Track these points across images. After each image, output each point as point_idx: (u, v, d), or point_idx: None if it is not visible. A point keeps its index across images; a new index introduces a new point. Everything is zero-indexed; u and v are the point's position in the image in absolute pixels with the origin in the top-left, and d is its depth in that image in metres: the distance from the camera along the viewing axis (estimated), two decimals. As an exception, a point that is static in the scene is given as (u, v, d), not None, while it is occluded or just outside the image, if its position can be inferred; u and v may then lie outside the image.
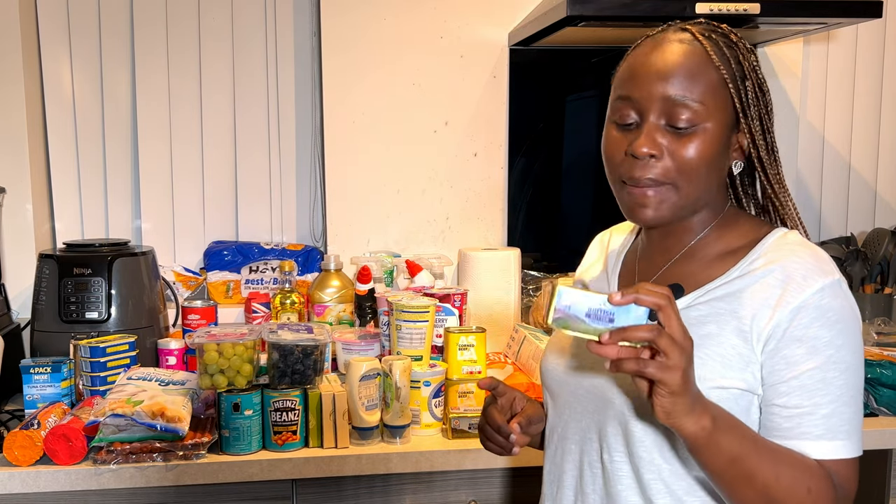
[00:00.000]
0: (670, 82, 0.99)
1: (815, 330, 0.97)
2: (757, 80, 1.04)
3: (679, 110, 0.99)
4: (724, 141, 1.02)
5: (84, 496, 1.58)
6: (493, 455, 1.66)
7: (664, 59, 1.01)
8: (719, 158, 1.03)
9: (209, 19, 2.35)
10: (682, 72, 0.99)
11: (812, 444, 0.97)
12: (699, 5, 1.82)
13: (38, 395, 1.74)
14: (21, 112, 2.19)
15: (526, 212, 2.40)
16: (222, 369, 1.61)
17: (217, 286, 2.31)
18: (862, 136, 2.59)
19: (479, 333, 1.85)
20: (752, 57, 1.05)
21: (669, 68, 1.00)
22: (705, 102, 0.99)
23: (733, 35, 1.05)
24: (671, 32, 1.04)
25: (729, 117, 1.02)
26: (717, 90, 1.01)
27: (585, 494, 1.09)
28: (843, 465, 0.98)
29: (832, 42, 2.53)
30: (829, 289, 0.98)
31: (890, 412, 1.82)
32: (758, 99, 1.04)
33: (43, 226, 2.31)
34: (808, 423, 0.97)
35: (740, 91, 1.02)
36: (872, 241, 2.37)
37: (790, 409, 0.98)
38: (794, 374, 0.98)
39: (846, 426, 0.98)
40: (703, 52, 1.01)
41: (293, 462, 1.62)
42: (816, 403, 0.97)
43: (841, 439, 0.97)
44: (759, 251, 1.03)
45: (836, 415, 0.97)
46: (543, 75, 2.37)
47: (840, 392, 0.97)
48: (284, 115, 2.42)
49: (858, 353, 1.00)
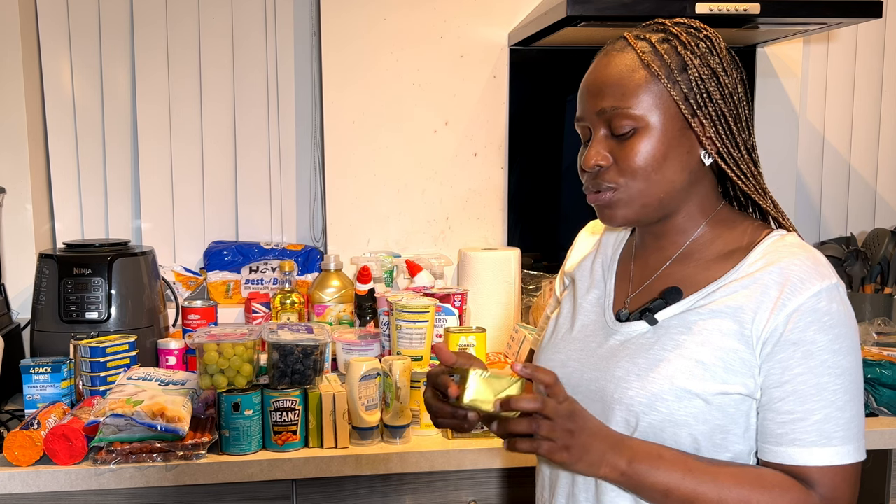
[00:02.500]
0: (601, 96, 1.03)
1: (810, 334, 0.97)
2: (704, 68, 1.02)
3: (616, 119, 1.02)
4: (673, 136, 1.02)
5: (84, 496, 1.58)
6: (493, 455, 1.66)
7: (595, 75, 1.05)
8: (673, 154, 1.02)
9: (209, 19, 2.35)
10: (610, 81, 1.03)
11: (803, 450, 0.97)
12: (699, 5, 1.82)
13: (38, 395, 1.74)
14: (21, 112, 2.19)
15: (526, 212, 2.40)
16: (222, 369, 1.61)
17: (217, 286, 2.31)
18: (862, 136, 2.59)
19: (479, 333, 1.85)
20: (699, 44, 1.03)
21: (599, 82, 1.04)
22: (638, 104, 1.01)
23: (675, 28, 1.05)
24: (610, 45, 1.07)
25: (673, 111, 1.02)
26: (649, 88, 1.01)
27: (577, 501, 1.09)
28: (838, 471, 0.97)
29: (832, 42, 2.53)
30: (825, 293, 0.97)
31: (890, 412, 1.82)
32: (704, 86, 1.02)
33: (43, 226, 2.31)
34: (800, 430, 0.97)
35: (678, 83, 1.01)
36: (872, 241, 2.37)
37: (783, 414, 0.98)
38: (787, 379, 0.97)
39: (841, 432, 0.97)
40: (631, 56, 1.03)
41: (293, 462, 1.62)
42: (809, 409, 0.97)
43: (835, 445, 0.97)
44: (758, 253, 1.03)
45: (831, 420, 0.97)
46: (543, 75, 2.37)
47: (835, 397, 0.97)
48: (284, 115, 2.42)
49: (855, 357, 0.99)
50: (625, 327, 1.08)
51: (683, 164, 1.04)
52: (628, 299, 1.12)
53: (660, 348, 1.03)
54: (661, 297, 1.06)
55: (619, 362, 1.05)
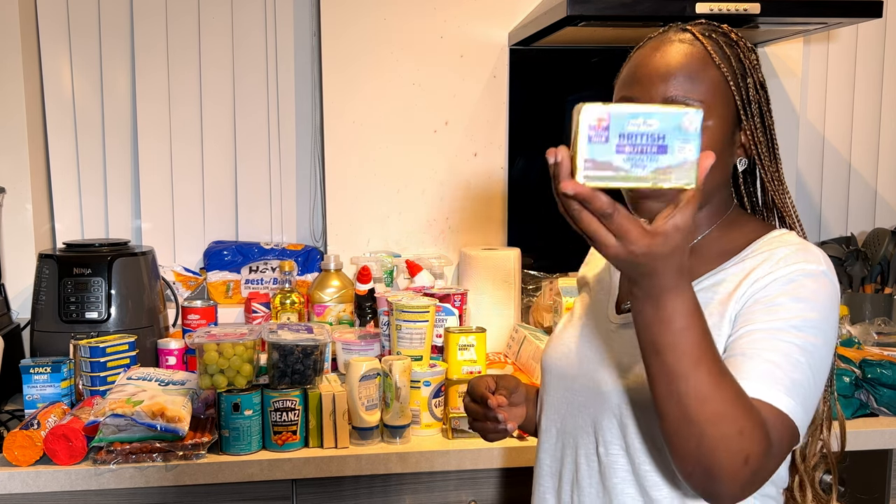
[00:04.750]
0: (671, 83, 1.01)
1: (782, 299, 0.94)
2: (757, 78, 1.05)
3: None
4: (726, 138, 1.04)
5: (84, 496, 1.58)
6: (493, 455, 1.66)
7: (665, 60, 1.02)
8: (723, 156, 1.03)
9: (209, 19, 2.35)
10: (683, 71, 1.01)
11: (748, 382, 0.89)
12: (699, 5, 1.83)
13: (37, 395, 1.74)
14: (21, 111, 2.19)
15: (526, 212, 2.40)
16: (222, 369, 1.61)
17: (217, 286, 2.31)
18: (862, 136, 2.59)
19: (479, 333, 1.85)
20: (752, 55, 1.06)
21: (670, 69, 1.01)
22: (707, 101, 1.00)
23: (733, 34, 1.07)
24: (672, 33, 1.06)
25: (731, 115, 1.04)
26: (718, 88, 1.02)
27: (581, 488, 1.09)
28: (778, 418, 0.89)
29: (832, 42, 2.53)
30: (809, 272, 0.96)
31: (890, 412, 1.81)
32: (759, 96, 1.05)
33: (43, 226, 2.31)
34: (748, 366, 0.91)
35: (741, 89, 1.03)
36: (872, 241, 2.37)
37: (736, 356, 0.93)
38: (747, 329, 0.94)
39: (788, 383, 0.90)
40: (703, 52, 1.03)
41: (293, 462, 1.62)
42: (762, 349, 0.92)
43: (779, 390, 0.90)
44: (754, 247, 1.04)
45: (780, 368, 0.90)
46: (543, 75, 2.37)
47: (789, 352, 0.91)
48: (284, 115, 2.41)
49: (827, 341, 0.95)
50: (623, 319, 1.10)
51: (725, 166, 1.06)
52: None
53: None
54: None
55: (615, 353, 1.07)
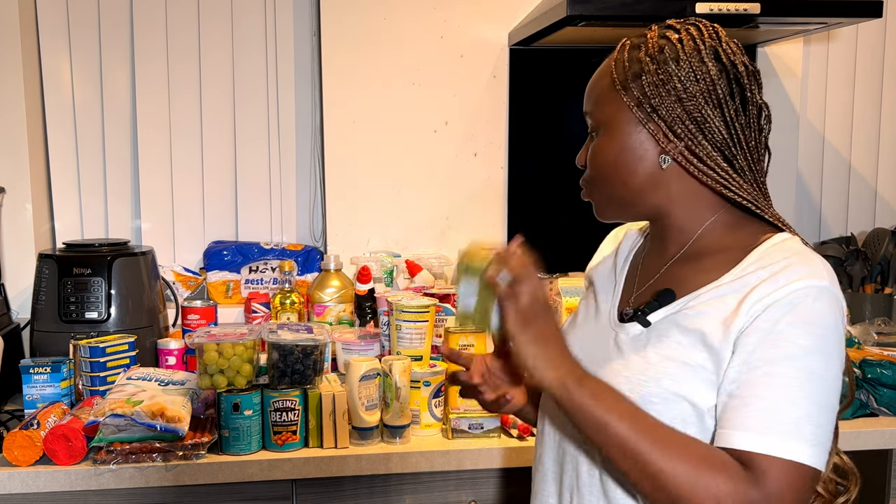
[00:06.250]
0: (586, 100, 1.12)
1: (782, 325, 0.93)
2: (662, 74, 1.01)
3: (589, 121, 1.11)
4: (627, 139, 1.05)
5: (84, 496, 1.57)
6: (493, 455, 1.66)
7: (590, 82, 1.12)
8: (626, 156, 1.05)
9: (209, 20, 2.35)
10: (590, 88, 1.11)
11: (739, 433, 0.92)
12: (699, 5, 1.82)
13: (37, 395, 1.74)
14: (21, 111, 2.19)
15: (526, 212, 2.40)
16: (222, 369, 1.61)
17: (217, 286, 2.31)
18: (862, 136, 2.59)
19: (479, 333, 1.85)
20: (667, 49, 1.02)
21: (588, 89, 1.12)
22: (599, 109, 1.08)
23: (653, 32, 1.05)
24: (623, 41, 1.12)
25: (626, 116, 1.05)
26: (607, 94, 1.07)
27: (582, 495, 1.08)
28: (777, 466, 0.90)
29: (832, 42, 2.53)
30: (812, 290, 0.94)
31: (890, 412, 1.81)
32: (657, 93, 1.01)
33: (43, 226, 2.31)
34: (743, 415, 0.92)
35: (630, 89, 1.04)
36: (872, 241, 2.38)
37: (734, 398, 0.94)
38: (744, 363, 0.94)
39: (784, 426, 0.91)
40: (607, 62, 1.09)
41: (293, 462, 1.62)
42: (755, 394, 0.92)
43: (776, 436, 0.90)
44: (754, 256, 1.01)
45: (775, 411, 0.91)
46: (543, 75, 2.37)
47: (786, 390, 0.91)
48: (284, 114, 2.41)
49: (827, 362, 0.94)
50: (624, 328, 1.08)
51: (639, 166, 1.05)
52: (632, 299, 1.12)
53: (651, 350, 1.02)
54: (655, 299, 1.05)
55: (614, 362, 1.06)
